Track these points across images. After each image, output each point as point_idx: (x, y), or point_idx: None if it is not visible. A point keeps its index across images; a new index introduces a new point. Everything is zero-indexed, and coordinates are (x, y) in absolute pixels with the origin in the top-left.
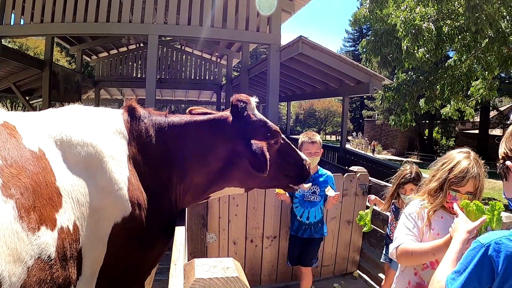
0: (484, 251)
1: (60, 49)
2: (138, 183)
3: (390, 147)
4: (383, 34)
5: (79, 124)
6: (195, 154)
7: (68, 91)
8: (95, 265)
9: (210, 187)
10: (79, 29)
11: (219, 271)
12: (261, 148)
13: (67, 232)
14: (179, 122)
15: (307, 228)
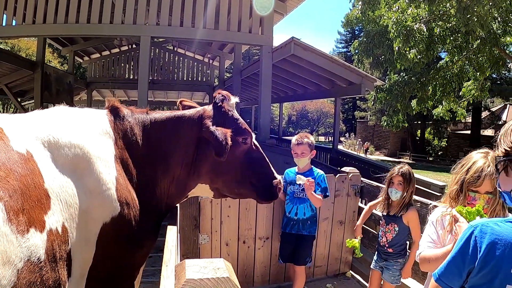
0: (471, 232)
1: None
2: (126, 183)
3: (383, 148)
4: (375, 35)
5: (66, 126)
6: (176, 147)
7: (60, 93)
8: (85, 266)
9: (188, 181)
10: (71, 30)
11: (210, 272)
12: (224, 133)
13: (56, 234)
14: (161, 118)
15: (295, 224)
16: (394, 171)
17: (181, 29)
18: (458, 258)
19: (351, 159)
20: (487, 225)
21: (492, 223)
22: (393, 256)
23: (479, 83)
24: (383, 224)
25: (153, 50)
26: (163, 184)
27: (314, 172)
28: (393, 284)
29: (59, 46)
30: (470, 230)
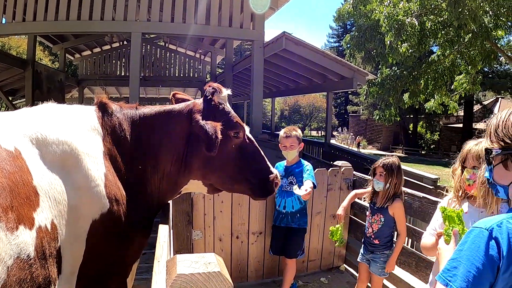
0: (488, 235)
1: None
2: (115, 179)
3: (375, 142)
4: (366, 30)
5: (54, 123)
6: (166, 142)
7: (51, 91)
8: (75, 263)
9: (179, 177)
10: (61, 28)
11: (201, 266)
12: (214, 126)
13: (46, 231)
14: (150, 113)
15: (284, 217)
16: (378, 162)
17: (172, 25)
18: (486, 266)
19: (344, 153)
20: (501, 224)
21: (506, 221)
22: (379, 248)
23: (470, 76)
24: (369, 215)
25: (145, 46)
26: (154, 180)
27: (300, 165)
28: (381, 276)
29: (49, 44)
30: (485, 234)
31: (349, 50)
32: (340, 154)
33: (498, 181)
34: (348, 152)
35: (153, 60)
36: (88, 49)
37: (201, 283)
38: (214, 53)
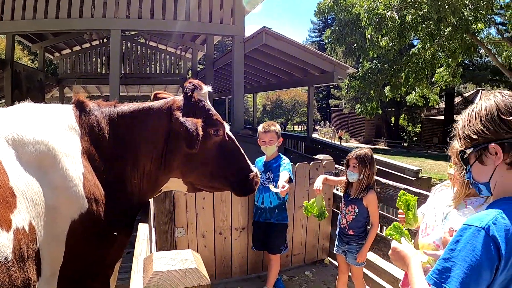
0: (485, 234)
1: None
2: (94, 178)
3: (358, 135)
4: (347, 24)
5: (30, 123)
6: (145, 140)
7: (31, 91)
8: (55, 265)
9: (159, 175)
10: (40, 26)
11: (178, 263)
12: (195, 123)
13: (23, 232)
14: (128, 110)
15: (262, 212)
16: (351, 154)
17: (152, 22)
18: (484, 267)
19: (326, 147)
20: (496, 221)
21: (500, 217)
22: (354, 238)
23: (451, 69)
24: (343, 206)
25: (125, 43)
26: (134, 179)
27: (280, 159)
28: (359, 266)
29: (28, 43)
30: (481, 233)
31: (330, 44)
32: (322, 148)
33: (478, 180)
34: (330, 146)
35: (133, 57)
36: (67, 47)
37: (177, 280)
38: (195, 50)
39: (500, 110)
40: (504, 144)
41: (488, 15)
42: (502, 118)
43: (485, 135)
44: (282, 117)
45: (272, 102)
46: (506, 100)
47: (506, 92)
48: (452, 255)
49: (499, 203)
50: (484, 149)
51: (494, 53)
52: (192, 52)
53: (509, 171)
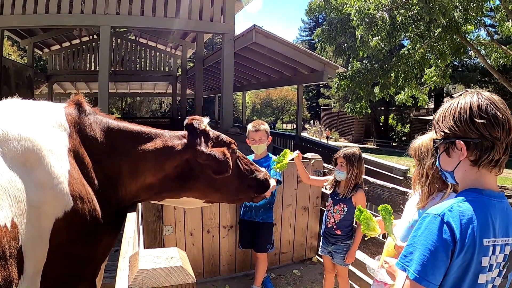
0: (440, 220)
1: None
2: (80, 176)
3: (347, 134)
4: (337, 23)
5: (16, 118)
6: (151, 164)
7: (19, 87)
8: (38, 263)
9: (166, 191)
10: (29, 21)
11: (163, 261)
12: (222, 151)
13: (5, 230)
14: (133, 130)
15: (248, 211)
16: (339, 153)
17: (142, 18)
18: (440, 249)
19: (315, 146)
20: (451, 209)
21: (456, 205)
22: (341, 238)
23: (440, 70)
24: (330, 205)
25: (115, 40)
26: (130, 188)
27: (270, 158)
28: (346, 266)
29: (17, 38)
30: (437, 219)
31: (320, 44)
32: (311, 146)
33: (444, 168)
34: (319, 145)
35: (123, 54)
36: (57, 43)
37: (163, 278)
38: (185, 47)
39: (472, 111)
40: (470, 143)
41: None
42: (472, 119)
43: (455, 131)
44: (271, 115)
45: (262, 101)
46: (481, 103)
47: (484, 94)
48: (414, 240)
49: (459, 195)
50: (452, 143)
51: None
52: (182, 49)
53: (471, 168)
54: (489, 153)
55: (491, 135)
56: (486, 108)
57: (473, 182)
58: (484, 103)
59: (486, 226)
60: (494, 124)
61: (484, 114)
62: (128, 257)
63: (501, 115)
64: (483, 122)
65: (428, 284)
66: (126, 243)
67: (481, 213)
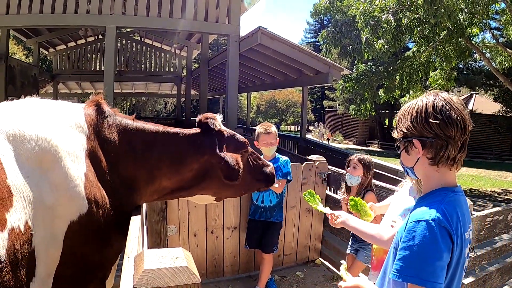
0: (437, 226)
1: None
2: (95, 179)
3: (351, 137)
4: (343, 25)
5: (34, 118)
6: (167, 163)
7: (25, 86)
8: (51, 265)
9: (179, 191)
10: (35, 21)
11: (168, 261)
12: (236, 159)
13: (18, 232)
14: (150, 129)
15: (263, 211)
16: (352, 156)
17: (147, 19)
18: (443, 253)
19: (319, 148)
20: (441, 212)
21: (443, 208)
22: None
23: (445, 72)
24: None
25: (120, 40)
26: (145, 192)
27: (278, 159)
28: (366, 263)
29: (23, 38)
30: (433, 225)
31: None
32: (316, 148)
33: (405, 164)
34: (324, 147)
35: (128, 54)
36: (62, 43)
37: (168, 278)
38: (190, 48)
39: (428, 112)
40: (425, 142)
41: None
42: (427, 120)
43: (412, 131)
44: (276, 117)
45: (266, 102)
46: (437, 103)
47: (442, 95)
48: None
49: (433, 195)
50: (410, 142)
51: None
52: (187, 50)
53: (431, 166)
54: (443, 151)
55: (445, 134)
56: (441, 108)
57: (440, 181)
58: (439, 104)
59: (464, 220)
60: (448, 124)
61: (438, 115)
62: (133, 257)
63: (455, 115)
64: (437, 122)
65: (441, 286)
66: (131, 243)
67: (459, 210)
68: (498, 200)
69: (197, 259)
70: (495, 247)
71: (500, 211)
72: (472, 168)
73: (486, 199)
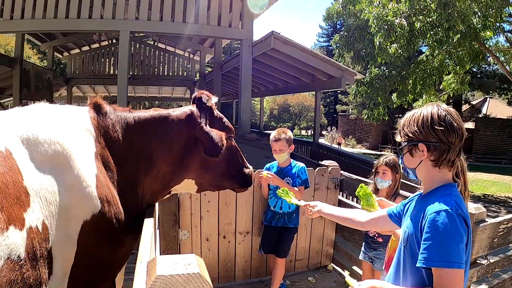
0: (455, 214)
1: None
2: (106, 180)
3: (364, 141)
4: (355, 30)
5: (45, 123)
6: (161, 145)
7: (39, 89)
8: (67, 265)
9: (173, 178)
10: (49, 26)
11: (181, 268)
12: (219, 135)
13: (36, 231)
14: (144, 117)
15: (281, 217)
16: (379, 161)
17: (161, 24)
18: (463, 237)
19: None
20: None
21: (457, 200)
22: (383, 244)
23: (459, 76)
24: None
25: (133, 45)
26: (146, 182)
27: (294, 166)
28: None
29: (38, 42)
30: (453, 214)
31: (338, 50)
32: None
33: (407, 166)
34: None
35: (142, 58)
36: (76, 47)
37: (180, 284)
38: (203, 52)
39: (433, 120)
40: (430, 146)
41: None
42: (433, 126)
43: (418, 136)
44: (289, 121)
45: (279, 106)
46: (440, 113)
47: (443, 106)
48: (439, 237)
49: (440, 190)
50: (415, 145)
51: (502, 61)
52: (201, 54)
53: (434, 168)
54: (446, 155)
55: (447, 140)
56: (445, 118)
57: (442, 179)
58: (443, 114)
59: (467, 210)
60: (450, 131)
61: (443, 123)
62: (146, 262)
63: (456, 124)
64: (442, 129)
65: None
66: (144, 247)
67: (463, 202)
68: None
69: (209, 264)
70: (509, 255)
71: None
72: (486, 173)
73: (500, 205)
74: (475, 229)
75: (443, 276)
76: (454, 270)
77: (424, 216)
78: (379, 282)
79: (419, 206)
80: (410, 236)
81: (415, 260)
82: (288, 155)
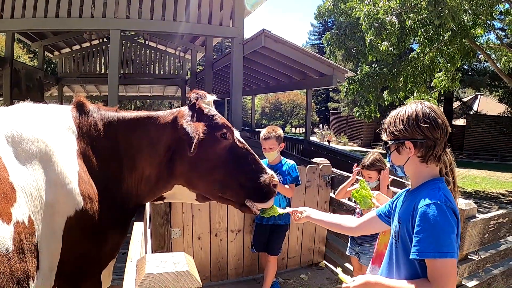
0: (445, 206)
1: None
2: (88, 177)
3: (356, 139)
4: (347, 27)
5: (29, 121)
6: (146, 146)
7: (30, 89)
8: (53, 260)
9: (160, 180)
10: (39, 25)
11: (170, 266)
12: (196, 126)
13: (23, 225)
14: (130, 117)
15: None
16: (363, 162)
17: (152, 22)
18: (454, 227)
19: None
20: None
21: (445, 193)
22: (367, 239)
23: (450, 74)
24: (358, 208)
25: (124, 44)
26: (131, 182)
27: (284, 164)
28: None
29: (28, 41)
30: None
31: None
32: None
33: (395, 163)
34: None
35: (133, 57)
36: (67, 46)
37: (169, 282)
38: (194, 51)
39: (418, 117)
40: (416, 142)
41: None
42: (418, 124)
43: (404, 134)
44: (280, 119)
45: (271, 104)
46: (424, 110)
47: (426, 103)
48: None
49: (428, 185)
50: (402, 143)
51: (493, 59)
52: (192, 53)
53: (421, 164)
54: (432, 150)
55: (433, 136)
56: (429, 114)
57: (430, 174)
58: (427, 111)
59: (455, 202)
60: (435, 127)
61: (427, 119)
62: (135, 260)
63: (440, 120)
64: (427, 126)
65: (455, 255)
66: (134, 246)
67: (451, 194)
68: (504, 202)
69: (201, 262)
70: (500, 250)
71: (504, 213)
72: (477, 169)
73: (491, 201)
74: (466, 225)
75: (437, 266)
76: (447, 260)
77: (414, 209)
78: (373, 277)
79: (408, 200)
80: (401, 230)
81: (407, 254)
82: (278, 153)
